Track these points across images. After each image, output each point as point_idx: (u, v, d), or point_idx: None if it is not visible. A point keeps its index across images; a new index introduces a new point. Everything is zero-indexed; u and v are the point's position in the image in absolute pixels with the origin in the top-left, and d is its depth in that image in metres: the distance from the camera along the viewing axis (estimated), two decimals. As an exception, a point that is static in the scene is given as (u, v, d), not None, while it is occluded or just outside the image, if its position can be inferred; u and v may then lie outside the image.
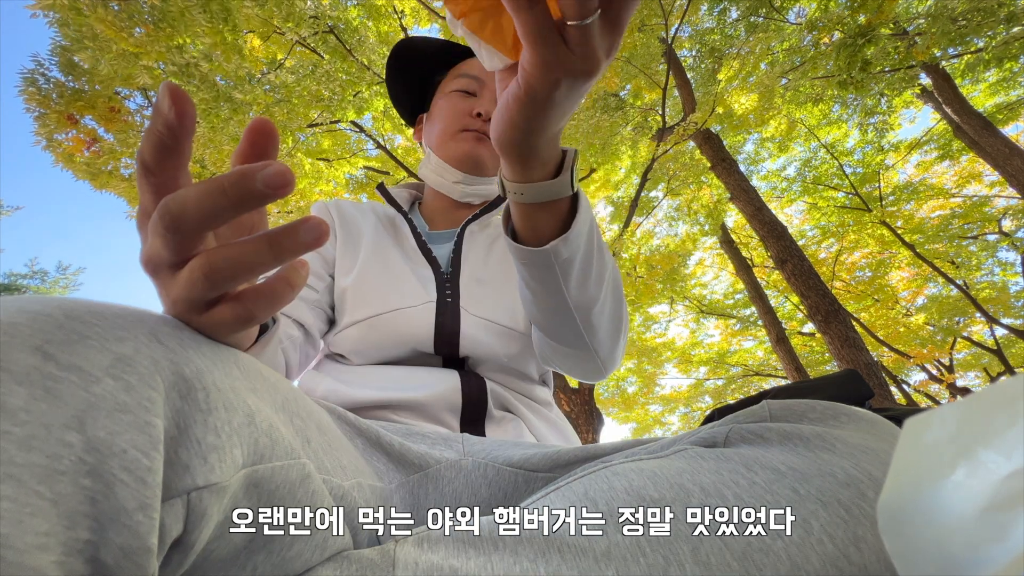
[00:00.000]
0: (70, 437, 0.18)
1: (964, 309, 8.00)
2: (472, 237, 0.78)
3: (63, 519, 0.17)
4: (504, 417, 0.64)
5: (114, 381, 0.20)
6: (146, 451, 0.20)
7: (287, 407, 0.32)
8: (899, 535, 0.18)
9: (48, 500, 0.17)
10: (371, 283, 0.70)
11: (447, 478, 0.47)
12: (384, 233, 0.78)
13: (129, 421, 0.20)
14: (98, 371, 0.20)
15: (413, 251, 0.75)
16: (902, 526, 0.18)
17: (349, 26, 4.42)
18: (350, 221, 0.79)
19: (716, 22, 6.72)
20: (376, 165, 6.23)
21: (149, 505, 0.19)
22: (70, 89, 4.20)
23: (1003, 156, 5.76)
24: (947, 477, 0.18)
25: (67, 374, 0.19)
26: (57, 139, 4.40)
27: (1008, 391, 0.18)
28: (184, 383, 0.23)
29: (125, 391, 0.20)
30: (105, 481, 0.19)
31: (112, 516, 0.18)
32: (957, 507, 0.17)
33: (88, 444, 0.19)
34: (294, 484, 0.28)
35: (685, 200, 5.77)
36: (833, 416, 0.34)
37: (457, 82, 0.79)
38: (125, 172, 4.87)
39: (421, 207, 0.88)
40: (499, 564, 0.27)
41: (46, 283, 10.99)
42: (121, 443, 0.19)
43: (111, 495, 0.19)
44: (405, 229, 0.78)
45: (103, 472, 0.19)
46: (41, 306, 0.21)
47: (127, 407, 0.20)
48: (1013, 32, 4.20)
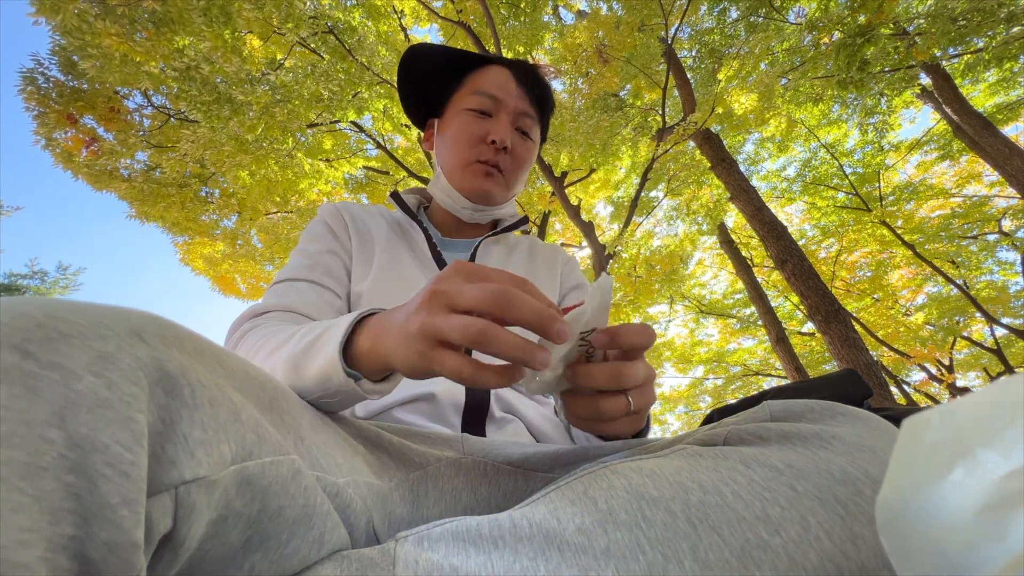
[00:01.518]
0: (51, 434, 0.18)
1: (964, 309, 8.00)
2: (487, 250, 0.80)
3: (46, 515, 0.17)
4: (505, 419, 0.64)
5: (95, 378, 0.20)
6: (129, 446, 0.20)
7: (275, 405, 0.32)
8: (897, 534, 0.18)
9: (30, 496, 0.17)
10: (386, 291, 0.70)
11: (447, 476, 0.47)
12: (397, 240, 0.78)
13: (111, 417, 0.20)
14: (79, 368, 0.20)
15: (426, 259, 0.76)
16: (900, 525, 0.18)
17: (348, 26, 4.42)
18: (362, 226, 0.79)
19: (716, 22, 6.72)
20: (376, 165, 6.22)
21: (134, 500, 0.20)
22: (70, 88, 4.20)
23: (1003, 156, 5.76)
24: (945, 476, 0.18)
25: (47, 371, 0.19)
26: (56, 138, 4.40)
27: (1006, 391, 0.18)
28: (169, 379, 0.23)
29: (106, 387, 0.20)
30: (88, 477, 0.19)
31: (96, 511, 0.19)
32: (955, 507, 0.17)
33: (70, 440, 0.19)
34: (286, 480, 0.28)
35: (685, 200, 5.77)
36: (831, 415, 0.34)
37: (472, 100, 0.77)
38: (125, 173, 4.87)
39: (429, 213, 0.88)
40: (499, 562, 0.27)
41: (46, 283, 10.99)
42: (103, 438, 0.19)
43: (94, 490, 0.19)
44: (418, 236, 0.79)
45: (86, 468, 0.19)
46: (21, 306, 0.21)
47: (108, 403, 0.20)
48: (1013, 32, 4.20)
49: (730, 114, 5.31)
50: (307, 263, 0.71)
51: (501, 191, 0.78)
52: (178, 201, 5.01)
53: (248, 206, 5.28)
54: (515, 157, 0.78)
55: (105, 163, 4.64)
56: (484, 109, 0.77)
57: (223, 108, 3.72)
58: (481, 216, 0.82)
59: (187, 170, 4.80)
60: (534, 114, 0.80)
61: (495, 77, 0.78)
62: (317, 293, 0.68)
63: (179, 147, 4.40)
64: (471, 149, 0.76)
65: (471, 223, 0.84)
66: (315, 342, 0.43)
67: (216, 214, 5.47)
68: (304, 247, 0.75)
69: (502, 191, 0.78)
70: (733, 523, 0.27)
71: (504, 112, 0.77)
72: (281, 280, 0.70)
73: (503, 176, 0.78)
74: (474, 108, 0.77)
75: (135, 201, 4.90)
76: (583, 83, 5.14)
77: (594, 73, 5.04)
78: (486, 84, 0.78)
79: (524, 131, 0.79)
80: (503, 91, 0.77)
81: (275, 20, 3.79)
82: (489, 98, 0.77)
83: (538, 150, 0.87)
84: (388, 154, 5.70)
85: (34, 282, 10.84)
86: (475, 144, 0.76)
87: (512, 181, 0.80)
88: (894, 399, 4.59)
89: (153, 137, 4.85)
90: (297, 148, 4.66)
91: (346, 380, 0.39)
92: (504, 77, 0.78)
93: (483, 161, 0.76)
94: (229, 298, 6.40)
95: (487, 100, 0.77)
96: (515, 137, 0.78)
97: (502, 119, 0.77)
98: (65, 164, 4.57)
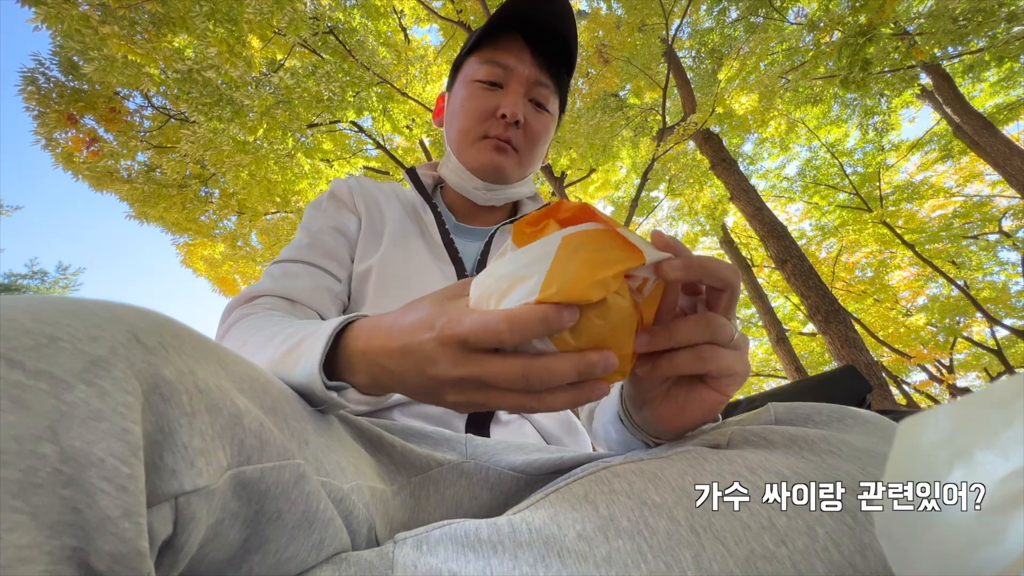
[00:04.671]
0: (44, 449, 0.18)
1: (964, 309, 7.98)
2: (502, 239, 0.74)
3: (44, 530, 0.17)
4: (511, 420, 0.63)
5: (87, 387, 0.19)
6: (125, 459, 0.19)
7: (279, 408, 0.31)
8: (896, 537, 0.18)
9: (26, 514, 0.17)
10: (392, 275, 0.67)
11: (449, 480, 0.47)
12: (409, 221, 0.73)
13: (105, 429, 0.19)
14: (70, 376, 0.19)
15: (437, 246, 0.71)
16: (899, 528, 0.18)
17: (348, 26, 4.43)
18: (373, 203, 0.75)
19: (716, 22, 6.72)
20: (376, 165, 6.22)
21: (134, 512, 0.19)
22: (70, 89, 4.21)
23: (1003, 156, 5.75)
24: (944, 478, 0.18)
25: (36, 382, 0.18)
26: (56, 138, 4.41)
27: (1004, 391, 0.18)
28: (166, 385, 0.22)
29: (99, 397, 0.19)
30: (85, 491, 0.18)
31: (97, 525, 0.18)
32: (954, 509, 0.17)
33: (63, 454, 0.18)
34: (287, 485, 0.28)
35: (686, 200, 5.77)
36: (839, 419, 0.33)
37: (482, 70, 0.70)
38: (125, 174, 4.87)
39: (444, 193, 0.82)
40: (498, 568, 0.26)
41: (46, 283, 10.99)
42: (98, 452, 0.19)
43: (93, 504, 0.18)
44: (430, 219, 0.73)
45: (82, 482, 0.18)
46: (8, 310, 0.20)
47: (102, 415, 0.19)
48: (1013, 32, 4.19)
49: (730, 114, 5.31)
50: (307, 242, 0.68)
51: (514, 168, 0.71)
52: (178, 202, 5.01)
53: (248, 206, 5.28)
54: (529, 132, 0.71)
55: (105, 164, 4.64)
56: (495, 79, 0.69)
57: (224, 110, 3.72)
58: (495, 197, 0.75)
59: (187, 170, 4.80)
60: (550, 83, 0.72)
61: (507, 43, 0.70)
62: (314, 277, 0.65)
63: (179, 147, 4.41)
64: (479, 124, 0.70)
65: (486, 206, 0.78)
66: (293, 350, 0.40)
67: (216, 214, 5.47)
68: (307, 224, 0.72)
69: (515, 168, 0.72)
70: (738, 532, 0.26)
71: (516, 82, 0.69)
72: (279, 261, 0.67)
73: (516, 153, 0.71)
74: (483, 79, 0.70)
75: (135, 202, 4.90)
76: (583, 83, 5.14)
77: (594, 73, 5.04)
78: (497, 52, 0.70)
79: (539, 102, 0.71)
80: (515, 58, 0.69)
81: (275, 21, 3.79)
82: (500, 67, 0.69)
83: (557, 122, 0.78)
84: (388, 154, 5.69)
85: (34, 282, 10.85)
86: (484, 119, 0.69)
87: (527, 159, 0.73)
88: (894, 400, 4.58)
89: (153, 138, 4.86)
90: (297, 148, 4.67)
91: (327, 394, 0.36)
92: (518, 43, 0.70)
93: (493, 136, 0.70)
94: (230, 299, 6.40)
95: (498, 69, 0.69)
96: (528, 110, 0.71)
97: (513, 90, 0.69)
98: (66, 164, 4.57)
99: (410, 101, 4.88)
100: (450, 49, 6.02)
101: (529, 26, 0.69)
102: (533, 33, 0.69)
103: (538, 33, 0.69)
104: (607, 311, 0.29)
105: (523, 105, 0.70)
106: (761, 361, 10.89)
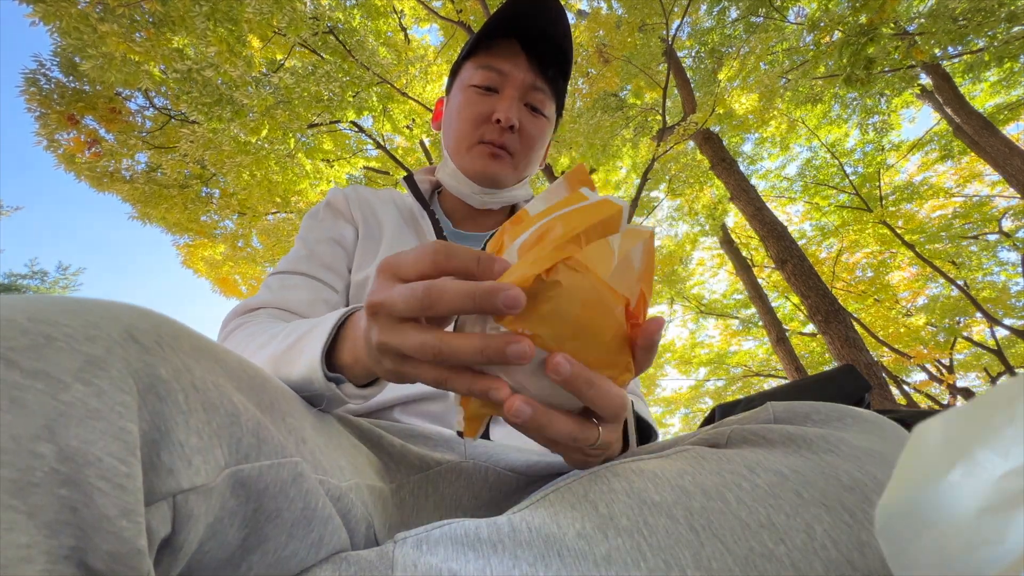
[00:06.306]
0: (41, 448, 0.18)
1: (965, 309, 7.99)
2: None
3: (43, 529, 0.17)
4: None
5: (84, 386, 0.19)
6: (123, 458, 0.19)
7: (277, 406, 0.32)
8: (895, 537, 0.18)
9: (23, 513, 0.17)
10: None
11: (448, 480, 0.47)
12: (406, 229, 0.74)
13: (102, 428, 0.19)
14: (67, 376, 0.19)
15: None
16: (898, 528, 0.18)
17: (348, 26, 4.43)
18: (370, 212, 0.75)
19: (716, 22, 6.72)
20: (376, 165, 6.23)
21: (132, 510, 0.19)
22: (71, 89, 4.21)
23: (1003, 156, 5.75)
24: (943, 478, 0.18)
25: (33, 381, 0.19)
26: (58, 139, 4.41)
27: (1007, 392, 0.18)
28: (163, 384, 0.22)
29: (96, 396, 0.20)
30: (83, 490, 0.18)
31: (95, 524, 0.18)
32: (954, 508, 0.17)
33: (61, 454, 0.18)
34: (285, 483, 0.28)
35: (686, 200, 5.77)
36: (838, 418, 0.33)
37: (478, 75, 0.70)
38: (126, 174, 4.88)
39: (441, 200, 0.82)
40: (498, 567, 0.26)
41: (46, 283, 11.00)
42: (95, 451, 0.19)
43: (91, 503, 0.18)
44: (427, 225, 0.74)
45: (79, 481, 0.18)
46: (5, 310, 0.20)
47: (99, 414, 0.19)
48: (1013, 32, 4.19)
49: (730, 114, 5.31)
50: (304, 253, 0.69)
51: (509, 172, 0.72)
52: (179, 202, 5.01)
53: (249, 207, 5.28)
54: (524, 136, 0.72)
55: (106, 164, 4.65)
56: (490, 85, 0.70)
57: (224, 110, 3.72)
58: (491, 201, 0.75)
59: (187, 170, 4.80)
60: (546, 87, 0.72)
61: (503, 48, 0.70)
62: (311, 289, 0.65)
63: (179, 147, 4.41)
64: (475, 129, 0.70)
65: (483, 210, 0.78)
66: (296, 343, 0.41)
67: (217, 215, 5.48)
68: (304, 235, 0.72)
69: (511, 173, 0.72)
70: (737, 530, 0.26)
71: (511, 87, 0.70)
72: (276, 272, 0.67)
73: (512, 158, 0.72)
74: (479, 84, 0.70)
75: (137, 202, 4.91)
76: (583, 83, 5.14)
77: (594, 73, 5.04)
78: (492, 57, 0.70)
79: (535, 107, 0.72)
80: (510, 63, 0.70)
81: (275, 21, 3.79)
82: (495, 72, 0.70)
83: (554, 126, 0.79)
84: (388, 154, 5.70)
85: (34, 282, 10.86)
86: (479, 123, 0.70)
87: (522, 163, 0.74)
88: (894, 400, 4.58)
89: (154, 138, 4.86)
90: (298, 148, 4.67)
91: (327, 385, 0.37)
92: (513, 48, 0.70)
93: (488, 142, 0.70)
94: (231, 299, 6.42)
95: (493, 74, 0.70)
96: (524, 114, 0.71)
97: (508, 95, 0.70)
98: (67, 165, 4.58)
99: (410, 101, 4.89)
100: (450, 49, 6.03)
101: (524, 31, 0.69)
102: (528, 38, 0.70)
103: (533, 38, 0.70)
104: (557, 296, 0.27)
105: (518, 110, 0.70)
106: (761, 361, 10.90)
